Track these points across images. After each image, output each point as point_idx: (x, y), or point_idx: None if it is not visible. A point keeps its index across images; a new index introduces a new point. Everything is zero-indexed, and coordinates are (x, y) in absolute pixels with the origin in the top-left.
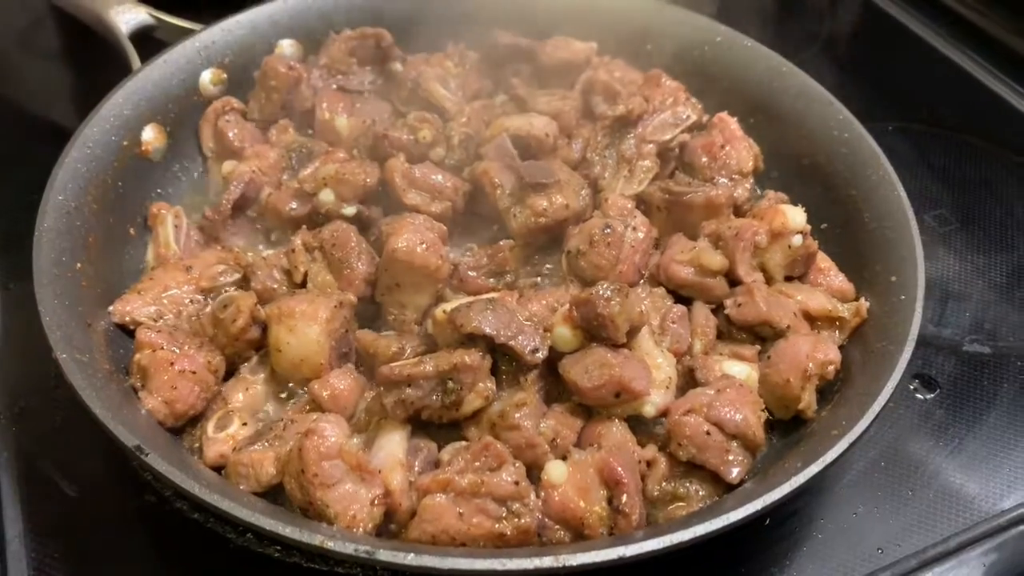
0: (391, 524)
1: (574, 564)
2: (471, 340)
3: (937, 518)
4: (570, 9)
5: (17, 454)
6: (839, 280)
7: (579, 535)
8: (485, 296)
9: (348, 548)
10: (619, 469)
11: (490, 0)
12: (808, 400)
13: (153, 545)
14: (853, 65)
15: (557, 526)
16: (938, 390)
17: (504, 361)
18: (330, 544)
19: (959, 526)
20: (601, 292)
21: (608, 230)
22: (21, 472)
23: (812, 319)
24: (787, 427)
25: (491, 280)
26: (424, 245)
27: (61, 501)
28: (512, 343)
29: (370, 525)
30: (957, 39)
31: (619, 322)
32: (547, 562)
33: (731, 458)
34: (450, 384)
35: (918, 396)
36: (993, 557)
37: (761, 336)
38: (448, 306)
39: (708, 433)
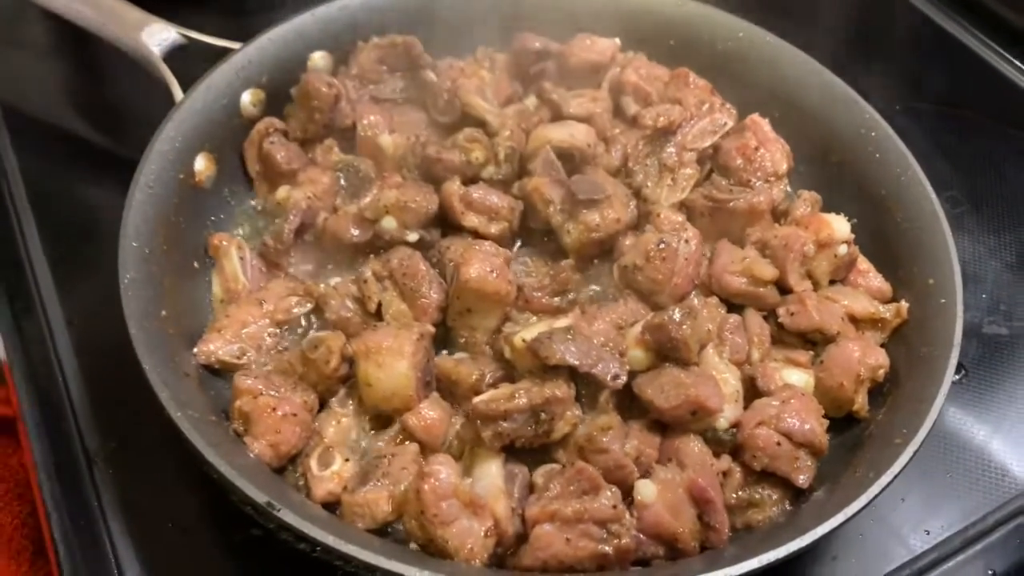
0: (498, 548)
1: None
2: (553, 368)
3: (976, 497)
4: (591, 5)
5: (118, 495)
6: (878, 281)
7: (673, 549)
8: (562, 325)
9: None
10: (708, 489)
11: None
12: (861, 402)
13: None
14: (857, 46)
15: (652, 542)
16: (963, 372)
17: (582, 384)
18: None
19: (997, 502)
20: (674, 317)
21: (663, 245)
22: (128, 513)
23: (857, 321)
24: (840, 425)
25: (555, 299)
26: (494, 273)
27: (170, 541)
28: (594, 371)
29: (485, 555)
30: (962, 16)
31: (691, 344)
32: None
33: (800, 465)
34: (542, 415)
35: None
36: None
37: (811, 340)
38: (526, 333)
39: (779, 444)
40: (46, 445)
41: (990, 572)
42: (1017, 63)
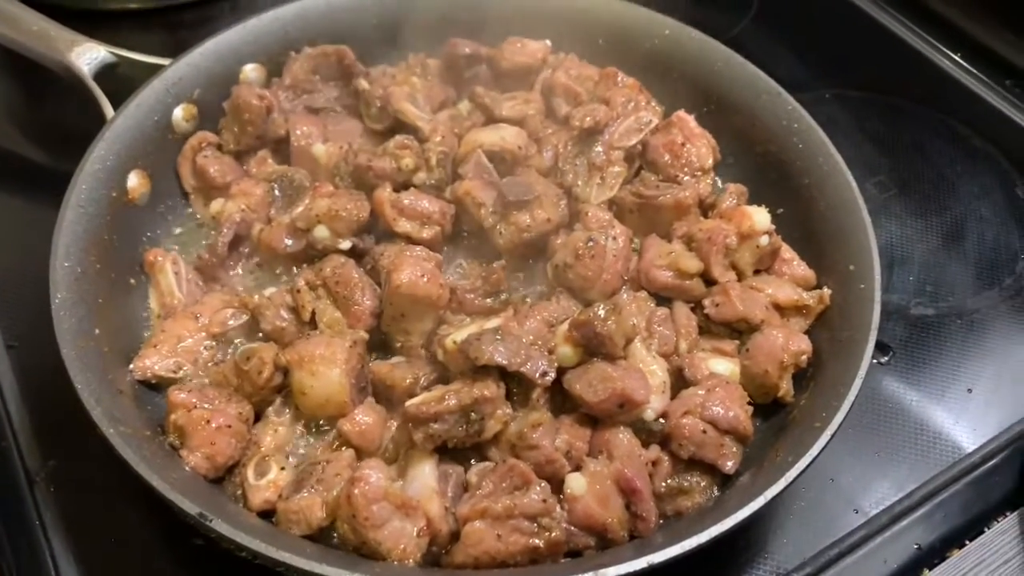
0: (433, 547)
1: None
2: (484, 370)
3: (906, 473)
4: (522, 6)
5: (59, 512)
6: (802, 269)
7: (603, 539)
8: (491, 326)
9: None
10: (634, 479)
11: (441, 4)
12: (786, 387)
13: None
14: (785, 35)
15: (582, 533)
16: (891, 353)
17: (513, 383)
18: None
19: (925, 476)
20: (598, 313)
21: (591, 243)
22: (70, 530)
23: (781, 309)
24: (767, 410)
25: (488, 300)
26: (425, 277)
27: (113, 555)
28: (523, 369)
29: (418, 555)
30: (888, 3)
31: (616, 339)
32: None
33: (725, 452)
34: (472, 415)
35: (873, 361)
36: (959, 500)
37: (737, 330)
38: (457, 335)
39: (704, 432)
40: None
41: (915, 546)
42: (943, 48)
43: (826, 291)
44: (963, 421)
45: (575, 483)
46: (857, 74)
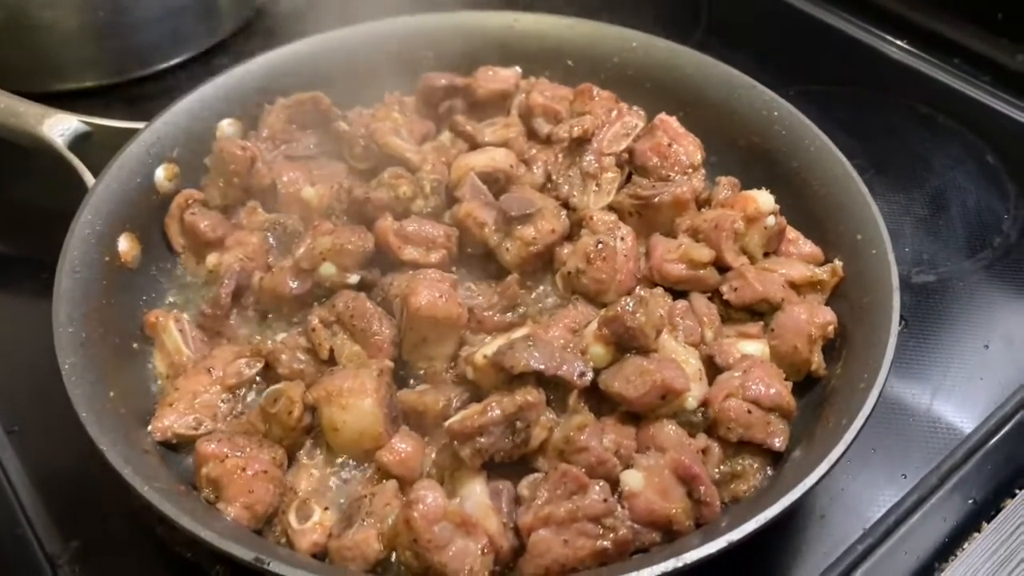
0: (496, 567)
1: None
2: (519, 379)
3: (943, 435)
4: (488, 38)
5: None
6: (808, 247)
7: (668, 532)
8: (519, 334)
9: None
10: (693, 465)
11: (410, 42)
12: (818, 361)
13: None
14: (737, 44)
15: (647, 529)
16: (904, 322)
17: (549, 389)
18: None
19: (962, 435)
20: (627, 307)
21: (601, 245)
22: None
23: (797, 287)
24: (801, 387)
25: (507, 315)
26: (443, 298)
27: None
28: (560, 372)
29: (486, 573)
30: (832, 3)
31: (648, 330)
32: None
33: (773, 429)
34: (517, 424)
35: None
36: (1003, 451)
37: (758, 312)
38: (485, 350)
39: (749, 412)
40: (3, 558)
41: (970, 501)
42: (888, 38)
43: (838, 263)
44: (988, 376)
45: (632, 479)
46: (814, 71)
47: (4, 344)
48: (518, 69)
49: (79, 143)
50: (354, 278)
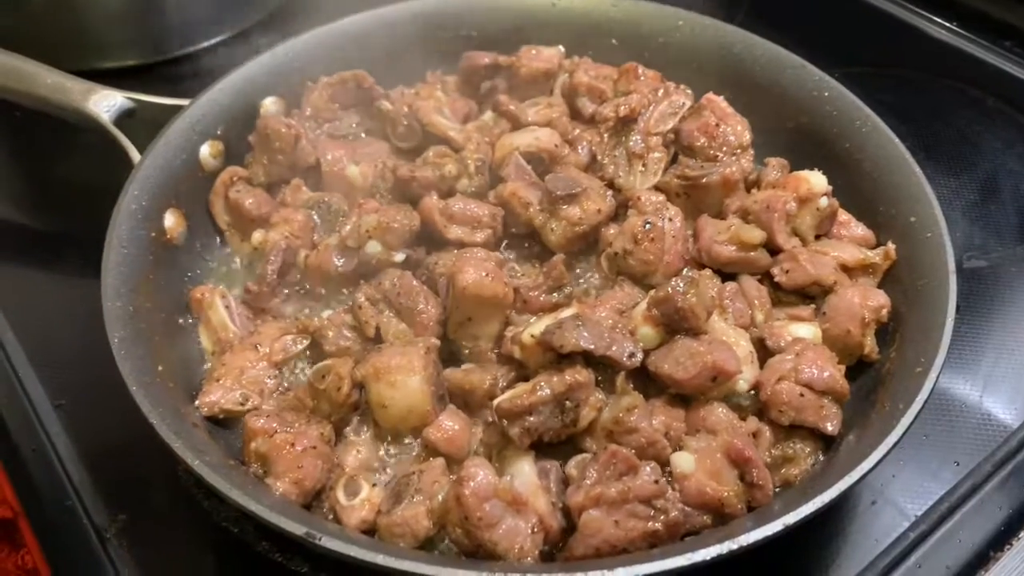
0: (545, 546)
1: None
2: (568, 358)
3: (1001, 420)
4: (530, 17)
5: (134, 567)
6: (860, 230)
7: (719, 515)
8: (567, 314)
9: None
10: (745, 448)
11: (453, 20)
12: (871, 344)
13: None
14: (781, 27)
15: (698, 512)
16: (957, 308)
17: (597, 370)
18: None
19: (1007, 433)
20: (677, 287)
21: (648, 226)
22: None
23: (849, 270)
24: (852, 372)
25: (553, 295)
26: (490, 277)
27: None
28: (610, 352)
29: (536, 552)
30: None
31: (699, 311)
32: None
33: (826, 413)
34: (567, 403)
35: None
36: None
37: (809, 295)
38: (533, 329)
39: (802, 395)
40: (53, 530)
41: None
42: (937, 20)
43: (891, 246)
44: None
45: (683, 461)
46: (859, 53)
47: (50, 320)
48: (561, 48)
49: (124, 119)
50: (400, 256)
